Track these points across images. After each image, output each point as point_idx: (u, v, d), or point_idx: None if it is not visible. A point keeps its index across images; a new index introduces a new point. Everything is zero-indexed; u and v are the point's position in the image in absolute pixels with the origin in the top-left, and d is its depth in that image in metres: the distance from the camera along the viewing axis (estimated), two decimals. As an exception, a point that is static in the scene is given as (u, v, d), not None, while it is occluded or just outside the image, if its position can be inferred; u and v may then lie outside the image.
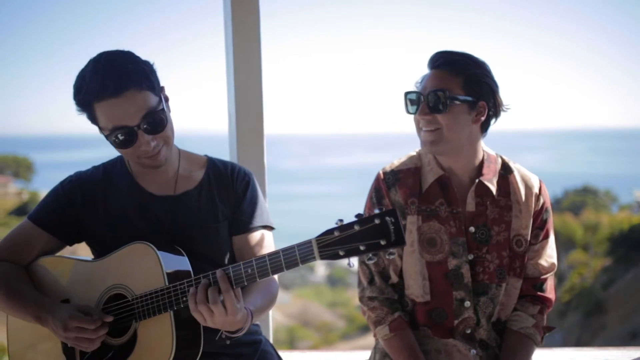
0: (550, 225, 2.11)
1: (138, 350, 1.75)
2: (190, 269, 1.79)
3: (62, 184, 1.95)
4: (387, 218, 1.46)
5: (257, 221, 1.94)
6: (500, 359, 2.03)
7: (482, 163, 2.03)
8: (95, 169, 1.98)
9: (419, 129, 1.99)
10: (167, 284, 1.72)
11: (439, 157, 2.03)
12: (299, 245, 1.54)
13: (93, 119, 1.78)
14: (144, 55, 1.81)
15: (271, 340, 2.50)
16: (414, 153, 2.11)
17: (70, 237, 1.95)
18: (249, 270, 1.61)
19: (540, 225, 2.07)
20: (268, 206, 2.11)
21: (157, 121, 1.77)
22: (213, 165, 1.97)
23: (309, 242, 1.52)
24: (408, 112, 1.99)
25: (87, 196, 1.91)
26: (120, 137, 1.75)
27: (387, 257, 1.50)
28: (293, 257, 1.55)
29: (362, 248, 1.47)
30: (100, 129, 1.79)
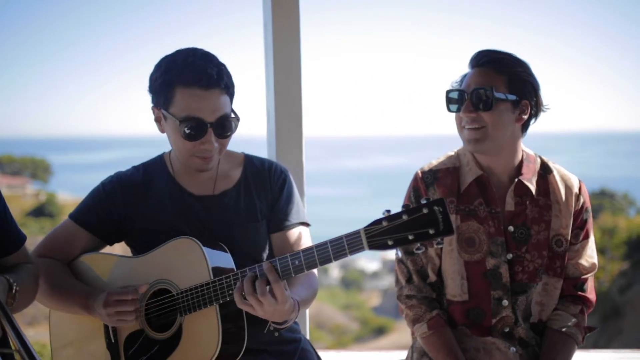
0: (590, 225, 2.11)
1: (184, 344, 1.78)
2: (234, 265, 1.81)
3: (103, 184, 1.98)
4: (436, 207, 1.47)
5: (294, 218, 1.96)
6: (540, 358, 2.02)
7: (521, 163, 2.04)
8: (135, 169, 2.01)
9: (460, 128, 1.99)
10: (212, 278, 1.74)
11: (478, 157, 2.03)
12: (347, 235, 1.55)
13: (166, 101, 1.79)
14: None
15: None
16: (452, 153, 2.11)
17: (111, 237, 1.98)
18: (297, 262, 1.63)
19: (580, 225, 2.07)
20: (305, 204, 2.13)
21: (227, 126, 1.81)
22: (250, 163, 1.99)
23: (357, 232, 1.53)
24: (450, 110, 2.00)
25: (127, 196, 1.93)
26: (191, 128, 1.77)
27: (436, 246, 1.50)
28: (341, 247, 1.55)
29: (410, 237, 1.48)
30: (169, 113, 1.80)
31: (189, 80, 1.75)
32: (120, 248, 2.07)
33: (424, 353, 2.09)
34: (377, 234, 1.51)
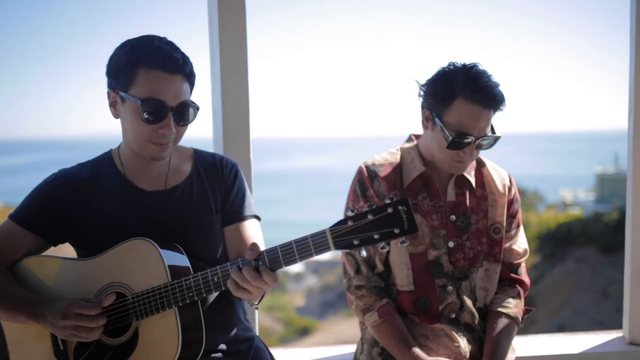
0: (520, 214, 2.25)
1: (140, 349, 1.72)
2: (189, 265, 1.77)
3: (46, 182, 1.88)
4: (400, 207, 1.49)
5: (248, 210, 1.94)
6: (484, 341, 2.10)
7: None
8: (81, 166, 1.92)
9: (451, 158, 2.04)
10: (170, 280, 1.70)
11: (425, 154, 2.13)
12: (313, 235, 1.54)
13: (127, 82, 1.73)
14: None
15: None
16: (395, 150, 2.19)
17: (56, 237, 1.88)
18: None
19: (513, 213, 2.21)
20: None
21: (186, 114, 1.77)
22: (201, 157, 1.95)
23: (322, 232, 1.53)
24: (454, 149, 2.02)
25: (73, 194, 1.85)
26: (152, 110, 1.71)
27: (400, 245, 1.53)
28: (307, 248, 1.55)
29: (376, 237, 1.50)
30: (129, 94, 1.73)
31: (154, 62, 1.71)
32: (67, 250, 1.97)
33: (374, 344, 2.13)
34: (343, 234, 1.51)
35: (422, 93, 2.07)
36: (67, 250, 1.96)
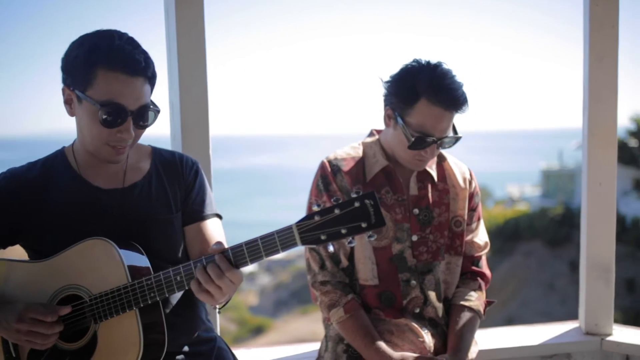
0: (480, 208, 2.27)
1: (99, 353, 1.65)
2: (149, 265, 1.71)
3: None
4: (367, 201, 1.47)
5: (209, 209, 1.89)
6: (448, 335, 2.11)
7: None
8: (31, 164, 1.83)
9: (412, 157, 2.05)
10: (129, 281, 1.64)
11: (387, 149, 2.13)
12: (279, 231, 1.51)
13: (84, 82, 1.64)
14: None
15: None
16: (357, 145, 2.18)
17: (5, 239, 1.79)
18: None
19: (473, 207, 2.23)
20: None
21: (145, 118, 1.70)
22: (159, 154, 1.89)
23: (289, 227, 1.50)
24: (415, 149, 2.02)
25: (23, 194, 1.76)
26: (111, 114, 1.64)
27: (367, 239, 1.52)
28: (273, 244, 1.51)
29: (343, 231, 1.47)
30: (87, 96, 1.65)
31: (114, 63, 1.63)
32: (19, 252, 1.88)
33: (338, 340, 2.12)
34: (310, 229, 1.48)
35: (385, 91, 2.06)
36: (19, 252, 1.87)
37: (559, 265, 28.19)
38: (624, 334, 2.65)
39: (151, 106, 1.71)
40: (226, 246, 1.63)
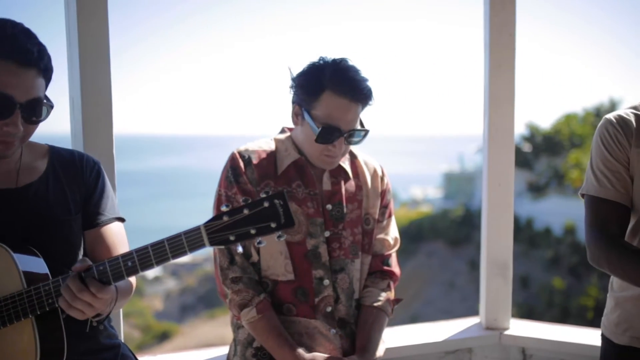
0: (392, 205, 2.31)
1: (-9, 365, 1.55)
2: (47, 270, 1.62)
3: None
4: (276, 201, 1.47)
5: (110, 212, 1.82)
6: (356, 335, 2.13)
7: None
8: None
9: (320, 152, 2.05)
10: (25, 287, 1.54)
11: (298, 143, 2.12)
12: (186, 232, 1.48)
13: None
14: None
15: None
16: (269, 140, 2.17)
17: None
18: (130, 264, 1.50)
19: (385, 204, 2.25)
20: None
21: (38, 111, 1.60)
22: (57, 154, 1.80)
23: (197, 228, 1.47)
24: (323, 143, 2.03)
25: None
26: None
27: (277, 239, 1.51)
28: (180, 245, 1.47)
29: (252, 232, 1.46)
30: None
31: (5, 53, 1.53)
32: None
33: (248, 344, 2.09)
34: (218, 230, 1.46)
35: (292, 85, 2.07)
36: None
37: (459, 265, 29.36)
38: (520, 328, 2.78)
39: (45, 101, 1.63)
40: (127, 249, 1.56)
